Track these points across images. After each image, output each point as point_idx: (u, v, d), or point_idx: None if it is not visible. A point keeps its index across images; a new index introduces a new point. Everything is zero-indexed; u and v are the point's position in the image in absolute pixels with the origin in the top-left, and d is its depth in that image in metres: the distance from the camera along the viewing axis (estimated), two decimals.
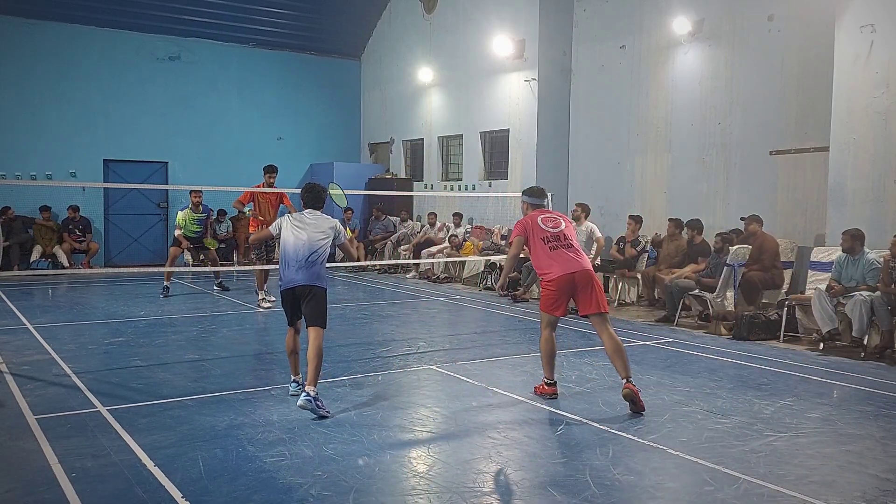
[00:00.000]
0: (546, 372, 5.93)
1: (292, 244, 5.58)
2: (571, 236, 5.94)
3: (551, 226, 5.93)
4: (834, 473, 4.34)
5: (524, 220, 6.03)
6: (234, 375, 6.56)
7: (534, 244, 5.91)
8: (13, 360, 6.91)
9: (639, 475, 4.25)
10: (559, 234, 5.87)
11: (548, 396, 5.88)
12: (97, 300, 11.22)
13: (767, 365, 7.27)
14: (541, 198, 6.27)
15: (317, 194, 5.90)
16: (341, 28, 18.06)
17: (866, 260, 8.02)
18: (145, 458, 4.36)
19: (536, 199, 6.23)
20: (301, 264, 5.53)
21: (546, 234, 5.86)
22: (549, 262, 5.79)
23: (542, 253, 5.84)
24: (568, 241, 5.87)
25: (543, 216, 6.01)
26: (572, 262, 5.76)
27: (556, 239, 5.85)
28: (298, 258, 5.53)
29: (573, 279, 5.72)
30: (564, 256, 5.78)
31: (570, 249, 5.85)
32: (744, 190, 10.84)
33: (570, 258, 5.78)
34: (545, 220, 5.98)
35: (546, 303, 5.84)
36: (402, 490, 4.04)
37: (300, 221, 5.69)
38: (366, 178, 17.15)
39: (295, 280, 5.53)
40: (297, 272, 5.52)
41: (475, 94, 15.21)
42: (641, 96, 12.43)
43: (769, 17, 10.45)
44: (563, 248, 5.82)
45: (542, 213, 6.08)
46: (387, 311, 10.40)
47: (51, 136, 15.18)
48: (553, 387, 5.92)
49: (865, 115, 8.68)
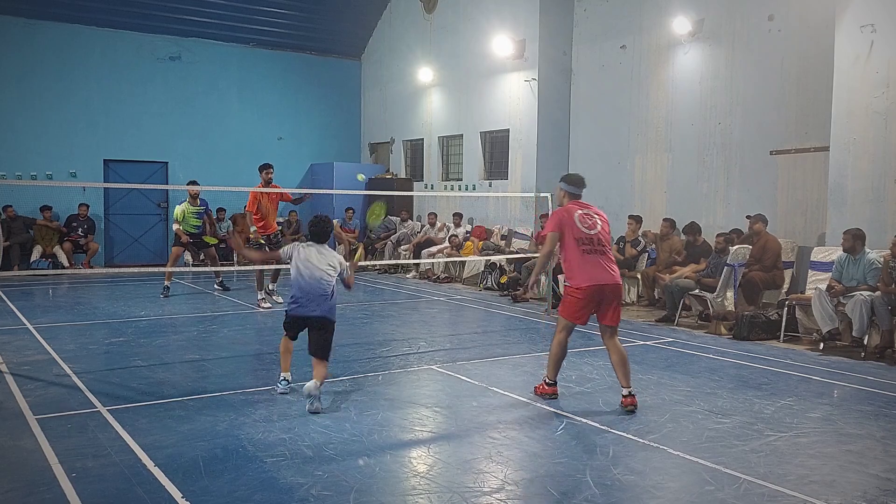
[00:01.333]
0: (550, 372, 5.82)
1: (307, 277, 5.69)
2: (606, 240, 5.62)
3: (588, 225, 5.56)
4: (834, 473, 4.35)
5: (560, 213, 5.65)
6: (234, 375, 6.56)
7: (566, 242, 5.56)
8: (13, 360, 6.91)
9: (639, 475, 4.25)
10: (595, 238, 5.54)
11: (548, 396, 5.82)
12: (97, 300, 11.22)
13: (768, 365, 7.27)
14: (580, 186, 5.80)
15: (324, 228, 5.98)
16: (341, 28, 18.06)
17: (867, 260, 8.02)
18: (146, 458, 4.36)
19: (575, 188, 5.79)
20: (319, 298, 5.68)
21: (581, 235, 5.51)
22: (581, 267, 5.48)
23: (575, 255, 5.51)
24: (603, 246, 5.55)
25: (581, 212, 5.62)
26: (605, 272, 5.48)
27: (590, 242, 5.51)
28: (315, 291, 5.67)
29: (602, 291, 5.48)
30: (598, 264, 5.47)
31: (604, 256, 5.54)
32: (744, 190, 10.84)
33: (604, 267, 5.48)
34: (583, 217, 5.60)
35: (568, 310, 5.60)
36: (402, 490, 4.04)
37: (310, 257, 5.75)
38: (366, 178, 17.11)
39: (313, 311, 5.66)
40: (316, 305, 5.67)
41: (475, 94, 15.21)
42: (641, 96, 12.44)
43: (769, 17, 10.46)
44: (597, 254, 5.49)
45: (580, 206, 5.68)
46: (387, 311, 10.40)
47: (51, 136, 15.19)
48: (554, 387, 5.85)
49: (865, 115, 8.68)
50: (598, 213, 5.75)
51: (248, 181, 15.99)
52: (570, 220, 5.56)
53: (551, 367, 5.82)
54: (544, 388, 5.88)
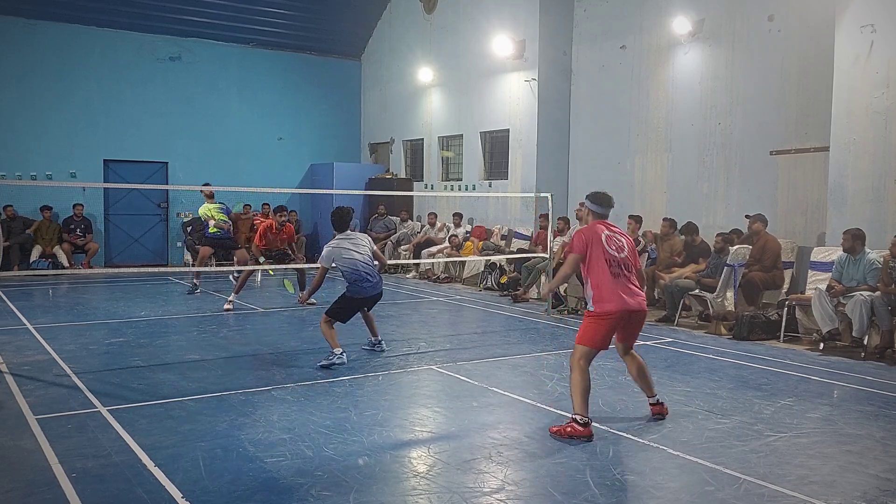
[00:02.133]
0: (578, 407, 5.00)
1: (362, 262, 7.01)
2: (633, 262, 5.31)
3: (615, 248, 5.24)
4: (834, 473, 4.35)
5: (585, 234, 5.30)
6: (234, 376, 6.56)
7: (594, 264, 5.22)
8: (13, 360, 6.91)
9: (639, 475, 4.26)
10: (623, 261, 5.21)
11: (582, 440, 4.89)
12: (97, 300, 11.22)
13: (767, 365, 7.27)
14: (606, 207, 5.47)
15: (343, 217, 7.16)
16: (341, 28, 18.06)
17: (867, 260, 8.02)
18: (146, 458, 4.36)
19: (601, 209, 5.45)
20: (375, 276, 7.10)
21: (610, 257, 5.18)
22: (611, 291, 5.12)
23: (604, 278, 5.16)
24: (629, 270, 5.25)
25: (608, 234, 5.29)
26: (634, 296, 5.19)
27: (618, 265, 5.19)
28: (372, 272, 7.06)
29: (630, 317, 5.20)
30: (626, 289, 5.16)
31: (631, 280, 5.24)
32: (744, 190, 10.84)
33: (633, 291, 5.20)
34: (609, 239, 5.26)
35: (592, 336, 5.13)
36: (402, 490, 4.04)
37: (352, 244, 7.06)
38: (366, 178, 17.15)
39: (375, 288, 7.11)
40: (376, 284, 7.11)
41: (475, 94, 15.21)
42: (642, 96, 12.44)
43: (769, 18, 10.45)
44: (624, 278, 5.19)
45: (607, 227, 5.36)
46: (387, 311, 10.40)
47: (51, 137, 15.18)
48: (588, 427, 4.93)
49: (865, 115, 8.68)
50: (623, 235, 5.46)
51: (249, 181, 16.06)
52: (595, 241, 5.25)
53: (579, 402, 5.00)
54: (575, 429, 4.92)
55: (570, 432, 4.92)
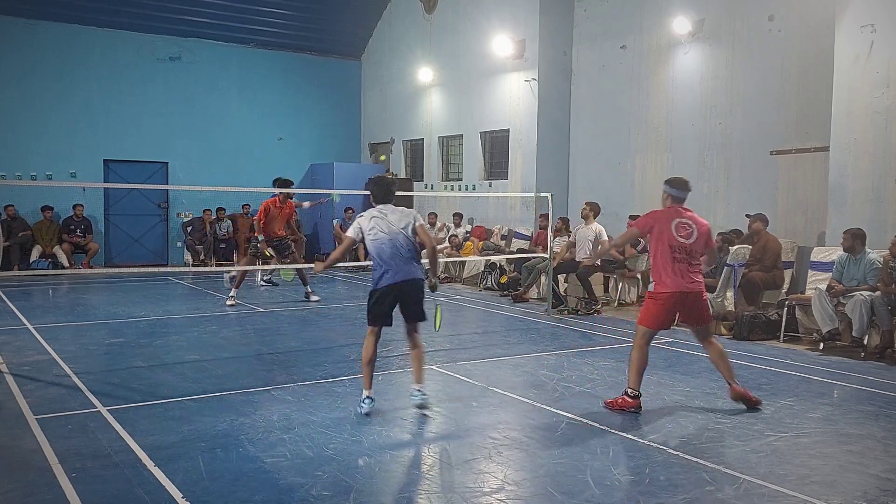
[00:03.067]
0: (632, 381, 5.49)
1: (387, 240, 5.34)
2: (698, 249, 5.55)
3: (684, 235, 5.50)
4: (835, 473, 4.34)
5: (657, 216, 5.63)
6: (234, 376, 6.56)
7: (658, 247, 5.54)
8: (13, 360, 6.91)
9: (639, 475, 4.25)
10: (688, 247, 5.49)
11: (630, 410, 5.42)
12: (97, 300, 11.22)
13: (768, 365, 7.27)
14: (684, 190, 5.70)
15: (387, 187, 5.58)
16: (341, 28, 18.06)
17: (867, 260, 8.01)
18: (146, 458, 4.36)
19: (679, 192, 5.69)
20: (405, 259, 5.36)
21: (675, 244, 5.48)
22: (668, 273, 5.47)
23: (666, 261, 5.48)
24: (693, 256, 5.53)
25: (679, 221, 5.55)
26: (690, 281, 5.48)
27: (682, 251, 5.48)
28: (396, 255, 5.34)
29: (686, 298, 5.50)
30: (684, 272, 5.47)
31: (693, 266, 5.53)
32: (744, 190, 10.84)
33: (690, 277, 5.49)
34: (679, 226, 5.53)
35: (650, 315, 5.54)
36: (402, 490, 4.04)
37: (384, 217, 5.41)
38: (366, 178, 17.08)
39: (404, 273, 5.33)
40: (405, 265, 5.35)
41: (475, 94, 15.21)
42: (642, 96, 12.43)
43: (769, 17, 10.46)
44: (685, 264, 5.49)
45: (680, 214, 5.61)
46: None
47: (51, 137, 15.19)
48: (637, 399, 5.46)
49: (865, 115, 8.68)
50: (699, 222, 5.62)
51: (249, 181, 16.05)
52: (665, 225, 5.53)
53: (633, 377, 5.50)
54: (626, 401, 5.45)
55: (621, 404, 5.48)
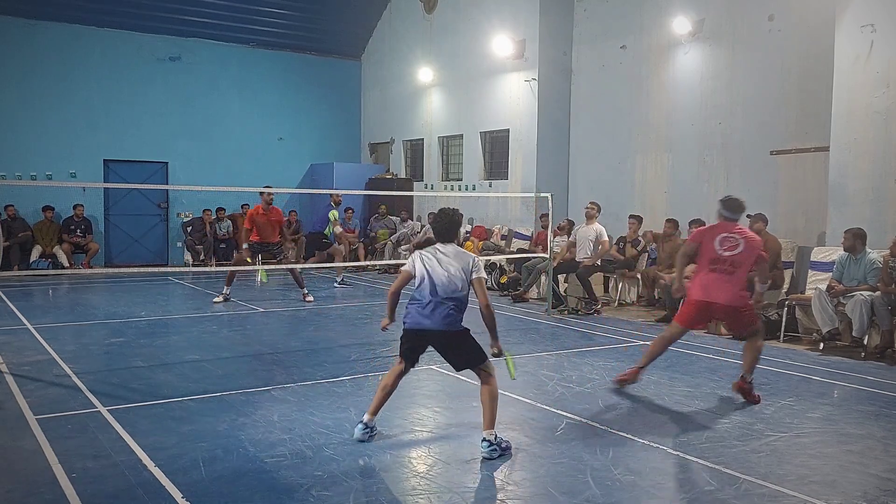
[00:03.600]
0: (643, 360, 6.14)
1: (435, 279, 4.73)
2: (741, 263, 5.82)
3: (726, 248, 5.86)
4: (835, 473, 4.34)
5: (705, 232, 6.12)
6: (234, 376, 6.56)
7: (701, 257, 6.01)
8: (13, 360, 6.91)
9: (639, 475, 4.25)
10: (729, 259, 5.82)
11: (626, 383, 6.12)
12: (97, 300, 11.22)
13: (768, 365, 7.26)
14: (735, 213, 6.06)
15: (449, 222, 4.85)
16: (341, 28, 18.06)
17: (868, 259, 8.01)
18: (146, 458, 4.36)
19: (729, 213, 6.05)
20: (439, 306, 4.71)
21: (715, 257, 5.88)
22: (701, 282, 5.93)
23: (702, 270, 5.98)
24: (734, 267, 5.81)
25: (723, 235, 5.90)
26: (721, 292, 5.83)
27: (722, 262, 5.84)
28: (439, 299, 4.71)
29: (710, 308, 5.95)
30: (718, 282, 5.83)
31: (730, 277, 5.81)
32: (744, 190, 10.80)
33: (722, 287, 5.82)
34: (724, 240, 5.89)
35: (683, 316, 6.12)
36: (402, 490, 4.04)
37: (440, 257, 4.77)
38: (366, 178, 17.15)
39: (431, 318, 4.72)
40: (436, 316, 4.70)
41: (475, 94, 15.21)
42: (642, 96, 12.43)
43: (769, 17, 10.45)
44: (724, 274, 5.82)
45: (727, 230, 5.94)
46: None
47: (51, 137, 15.18)
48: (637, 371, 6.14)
49: (865, 115, 8.68)
50: (747, 237, 5.94)
51: (249, 181, 16.04)
52: (710, 239, 5.96)
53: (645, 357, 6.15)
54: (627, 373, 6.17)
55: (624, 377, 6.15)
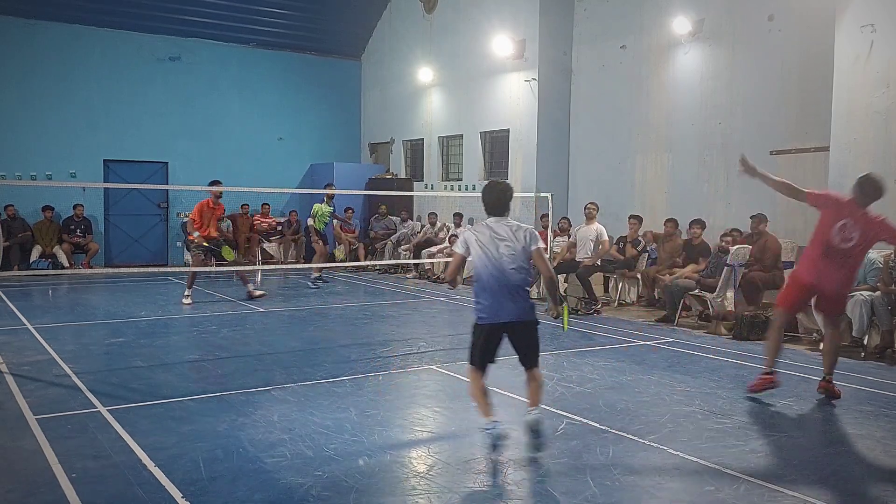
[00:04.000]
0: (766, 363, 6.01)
1: (494, 263, 4.39)
2: (856, 254, 5.64)
3: (842, 238, 5.59)
4: (834, 473, 4.34)
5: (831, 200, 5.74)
6: (234, 376, 6.56)
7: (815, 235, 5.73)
8: (13, 360, 6.91)
9: (639, 475, 4.25)
10: (842, 250, 5.61)
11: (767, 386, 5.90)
12: (97, 300, 11.22)
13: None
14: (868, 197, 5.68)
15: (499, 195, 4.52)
16: (341, 28, 18.06)
17: (868, 259, 7.98)
18: (146, 458, 4.36)
19: (862, 197, 5.70)
20: (514, 293, 4.42)
21: (829, 240, 5.62)
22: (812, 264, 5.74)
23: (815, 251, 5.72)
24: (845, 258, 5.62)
25: (844, 222, 5.60)
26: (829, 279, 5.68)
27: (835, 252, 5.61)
28: (510, 284, 4.39)
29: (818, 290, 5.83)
30: (828, 268, 5.65)
31: (841, 264, 5.63)
32: (744, 190, 10.83)
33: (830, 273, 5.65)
34: (842, 227, 5.59)
35: (783, 297, 6.05)
36: (402, 490, 4.04)
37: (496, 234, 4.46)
38: (366, 178, 17.15)
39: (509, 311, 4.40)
40: (510, 302, 4.40)
41: (475, 94, 15.21)
42: (642, 96, 12.43)
43: (769, 17, 10.46)
44: (833, 261, 5.63)
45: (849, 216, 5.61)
46: (387, 311, 10.40)
47: (51, 137, 15.18)
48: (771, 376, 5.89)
49: (865, 115, 8.68)
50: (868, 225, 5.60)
51: (249, 181, 16.04)
52: (828, 222, 5.67)
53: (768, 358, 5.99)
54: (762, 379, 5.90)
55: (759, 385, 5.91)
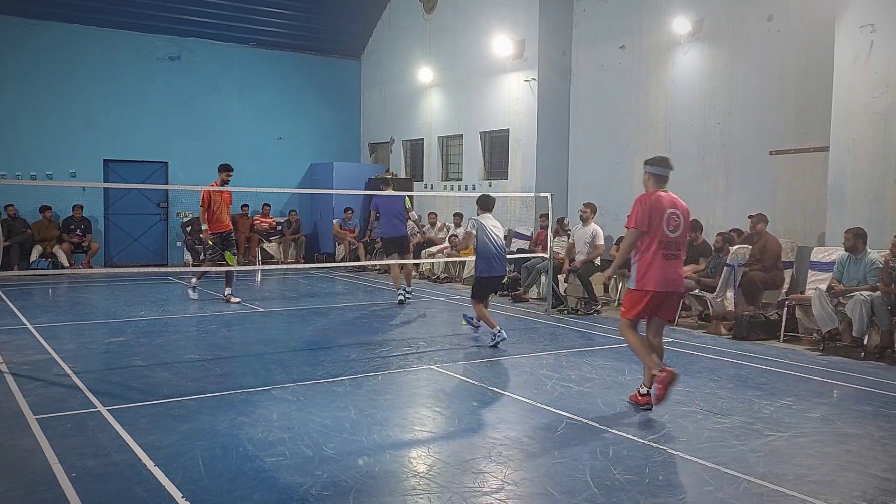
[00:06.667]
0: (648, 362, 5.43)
1: (498, 243, 7.92)
2: (683, 242, 5.47)
3: (672, 228, 5.33)
4: (833, 473, 4.35)
5: (647, 205, 5.31)
6: (234, 375, 6.56)
7: (648, 243, 5.33)
8: (13, 359, 6.91)
9: (639, 475, 4.26)
10: (676, 242, 5.35)
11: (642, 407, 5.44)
12: (97, 300, 11.22)
13: (767, 365, 7.27)
14: (667, 168, 5.48)
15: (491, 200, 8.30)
16: (341, 28, 18.06)
17: (868, 259, 8.01)
18: (145, 457, 4.36)
19: (661, 170, 5.46)
20: (505, 259, 8.11)
21: (667, 239, 5.31)
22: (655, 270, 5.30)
23: (653, 258, 5.31)
24: (679, 250, 5.41)
25: (670, 212, 5.33)
26: (674, 282, 5.37)
27: (669, 247, 5.32)
28: (504, 253, 8.05)
29: (665, 298, 5.41)
30: (670, 271, 5.32)
31: (678, 262, 5.41)
32: (744, 190, 10.84)
33: (675, 277, 5.36)
34: (671, 218, 5.33)
35: (631, 310, 5.47)
36: (402, 490, 4.04)
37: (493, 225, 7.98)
38: (366, 178, 17.14)
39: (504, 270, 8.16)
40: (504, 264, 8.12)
41: (475, 94, 15.21)
42: (641, 96, 12.43)
43: (769, 18, 10.45)
44: (673, 260, 5.35)
45: (668, 202, 5.37)
46: (387, 311, 10.40)
47: (51, 136, 15.18)
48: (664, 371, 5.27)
49: (865, 115, 8.68)
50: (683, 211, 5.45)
51: (249, 181, 16.02)
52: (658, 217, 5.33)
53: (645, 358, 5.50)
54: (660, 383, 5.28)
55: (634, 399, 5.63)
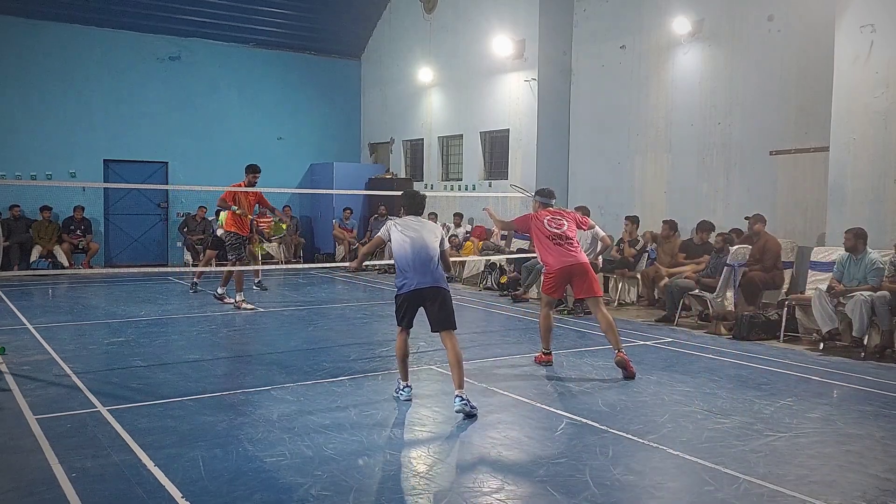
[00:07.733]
0: (544, 343, 7.11)
1: (411, 249, 5.56)
2: (573, 234, 7.04)
3: (555, 226, 7.00)
4: (834, 473, 4.35)
5: (531, 216, 7.21)
6: (234, 375, 6.56)
7: (538, 240, 7.03)
8: (13, 360, 6.91)
9: (639, 475, 4.26)
10: (562, 234, 6.96)
11: (544, 364, 7.01)
12: (97, 300, 11.22)
13: (767, 365, 7.27)
14: (550, 198, 7.34)
15: (418, 201, 6.03)
16: (341, 28, 18.06)
17: (869, 259, 8.00)
18: (145, 458, 4.36)
19: (546, 199, 7.30)
20: (426, 267, 5.55)
21: (550, 234, 6.96)
22: (550, 255, 6.91)
23: (545, 247, 6.96)
24: (569, 239, 6.97)
25: (550, 217, 7.07)
26: (569, 256, 6.88)
27: (557, 237, 6.94)
28: (423, 261, 5.55)
29: (570, 270, 6.88)
30: (563, 252, 6.89)
31: (571, 246, 6.94)
32: (744, 190, 10.84)
33: (568, 253, 6.89)
34: (551, 221, 7.03)
35: (546, 287, 7.09)
36: (402, 490, 4.04)
37: (408, 227, 5.71)
38: (366, 178, 17.15)
39: (423, 282, 5.51)
40: (424, 275, 5.53)
41: (475, 94, 15.21)
42: (641, 96, 12.43)
43: (769, 18, 10.45)
44: (563, 245, 6.92)
45: (550, 212, 7.14)
46: (387, 311, 10.39)
47: (51, 136, 15.18)
48: (549, 356, 7.10)
49: (865, 115, 8.68)
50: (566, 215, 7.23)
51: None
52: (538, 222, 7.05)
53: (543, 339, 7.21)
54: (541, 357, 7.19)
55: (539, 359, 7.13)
